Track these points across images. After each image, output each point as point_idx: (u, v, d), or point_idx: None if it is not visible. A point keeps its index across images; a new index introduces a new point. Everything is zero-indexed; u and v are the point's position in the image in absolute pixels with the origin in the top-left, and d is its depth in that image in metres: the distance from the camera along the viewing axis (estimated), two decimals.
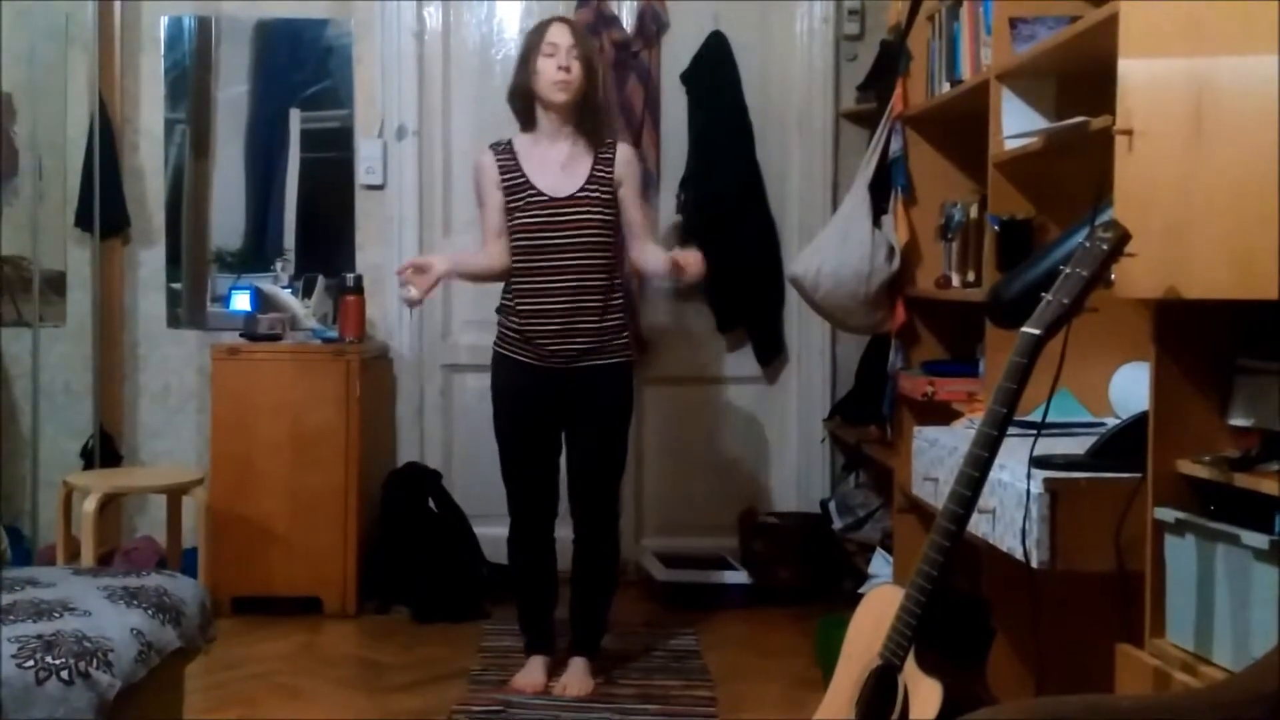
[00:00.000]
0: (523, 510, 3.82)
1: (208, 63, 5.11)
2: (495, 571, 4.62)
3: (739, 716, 3.57)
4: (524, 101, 3.77)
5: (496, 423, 3.82)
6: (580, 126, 3.75)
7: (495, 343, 3.82)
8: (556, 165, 3.73)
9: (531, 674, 3.79)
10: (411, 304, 3.86)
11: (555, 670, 3.81)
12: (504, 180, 3.74)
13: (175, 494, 4.35)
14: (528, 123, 3.79)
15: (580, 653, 3.83)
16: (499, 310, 3.83)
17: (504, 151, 3.79)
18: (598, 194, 3.71)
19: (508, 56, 5.12)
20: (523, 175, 3.73)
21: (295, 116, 5.10)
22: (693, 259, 3.66)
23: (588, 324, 3.69)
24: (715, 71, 5.03)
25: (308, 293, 4.92)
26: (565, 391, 3.73)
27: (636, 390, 4.05)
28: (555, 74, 3.67)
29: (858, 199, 4.08)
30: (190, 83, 5.10)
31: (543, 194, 3.70)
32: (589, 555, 3.83)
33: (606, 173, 3.74)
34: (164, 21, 5.05)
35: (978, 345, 3.56)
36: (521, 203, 3.70)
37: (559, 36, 3.70)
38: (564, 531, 3.91)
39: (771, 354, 5.15)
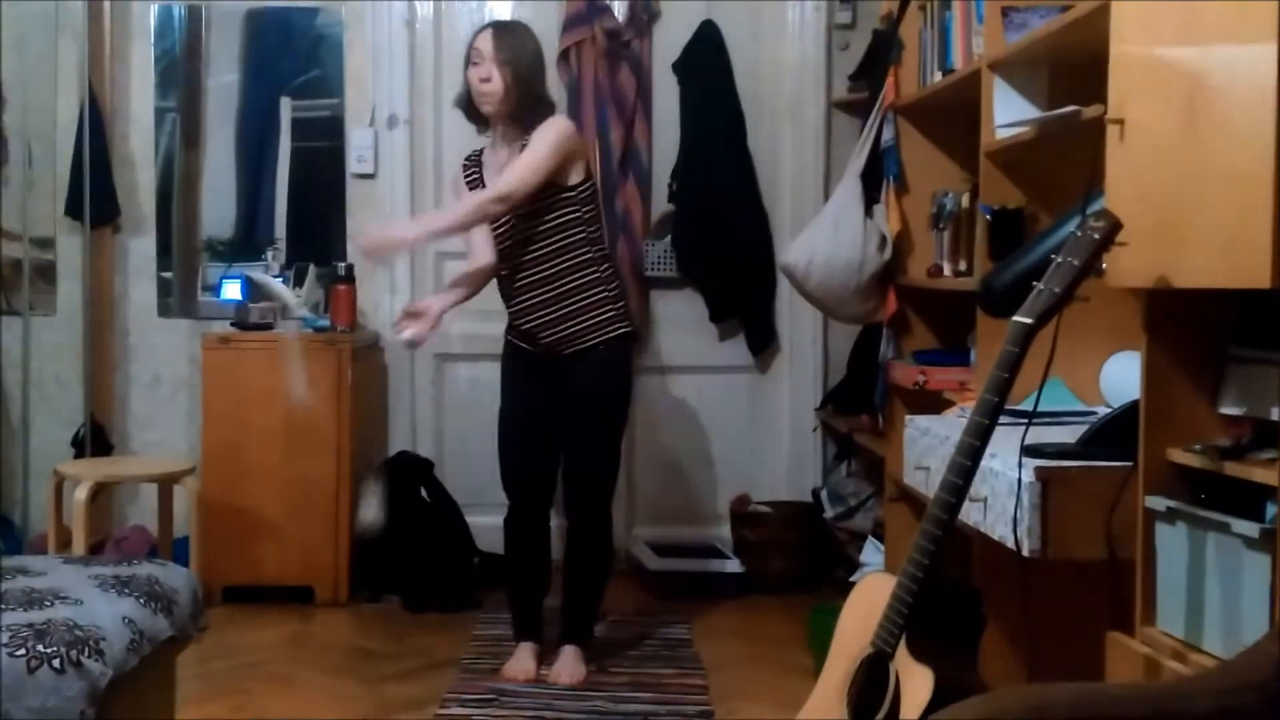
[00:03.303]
0: (517, 496, 3.83)
1: (198, 51, 5.09)
2: (487, 560, 4.62)
3: (731, 704, 3.58)
4: (468, 109, 3.78)
5: (500, 409, 3.87)
6: (523, 127, 3.69)
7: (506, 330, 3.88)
8: (500, 168, 3.72)
9: (521, 662, 3.79)
10: (412, 346, 3.83)
11: (547, 658, 3.82)
12: (470, 189, 3.78)
13: (166, 483, 4.34)
14: (482, 128, 3.81)
15: (572, 641, 3.82)
16: None
17: (472, 162, 3.85)
18: None
19: None
20: (481, 182, 3.77)
21: (286, 105, 5.09)
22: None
23: (560, 311, 3.68)
24: (707, 61, 5.02)
25: (299, 282, 4.90)
26: (557, 379, 3.73)
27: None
28: (477, 84, 3.67)
29: (849, 188, 4.08)
30: (180, 71, 5.08)
31: None
32: (581, 543, 3.83)
33: None
34: (154, 10, 5.03)
35: (969, 334, 3.57)
36: None
37: (482, 44, 3.67)
38: (557, 520, 3.91)
39: (763, 343, 5.14)
